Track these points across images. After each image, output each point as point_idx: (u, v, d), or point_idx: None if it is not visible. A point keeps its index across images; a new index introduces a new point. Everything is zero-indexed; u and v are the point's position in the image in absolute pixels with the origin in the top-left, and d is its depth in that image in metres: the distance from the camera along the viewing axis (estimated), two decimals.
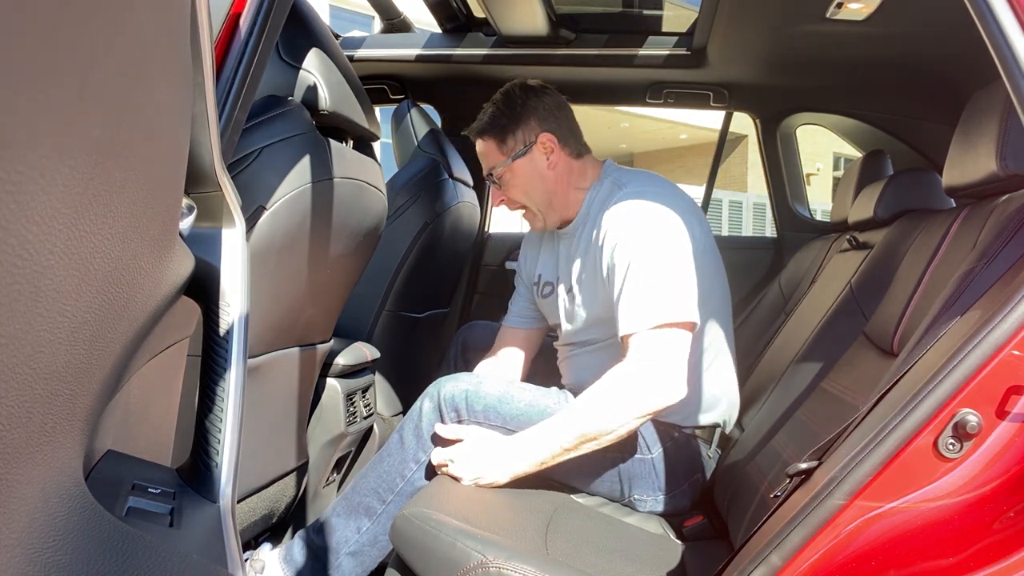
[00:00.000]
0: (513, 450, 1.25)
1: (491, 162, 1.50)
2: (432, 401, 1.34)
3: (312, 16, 1.29)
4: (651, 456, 1.38)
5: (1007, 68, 0.78)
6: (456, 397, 1.32)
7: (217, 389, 0.67)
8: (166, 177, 0.46)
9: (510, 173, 1.48)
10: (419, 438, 1.32)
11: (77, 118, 0.32)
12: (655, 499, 1.38)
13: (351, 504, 1.32)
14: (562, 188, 1.48)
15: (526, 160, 1.47)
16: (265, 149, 1.11)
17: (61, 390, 0.39)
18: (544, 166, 1.47)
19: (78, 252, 0.35)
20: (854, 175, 1.85)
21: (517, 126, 1.47)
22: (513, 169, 1.47)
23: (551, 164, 1.47)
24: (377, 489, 1.31)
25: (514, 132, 1.47)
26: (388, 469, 1.32)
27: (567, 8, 2.04)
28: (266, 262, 1.14)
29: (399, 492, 1.30)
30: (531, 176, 1.47)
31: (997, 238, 0.91)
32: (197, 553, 0.53)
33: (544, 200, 1.49)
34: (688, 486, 1.40)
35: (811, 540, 0.78)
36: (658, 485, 1.38)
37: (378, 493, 1.31)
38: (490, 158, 1.50)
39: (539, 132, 1.46)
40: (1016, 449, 0.74)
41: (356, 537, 1.30)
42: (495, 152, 1.49)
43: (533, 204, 1.50)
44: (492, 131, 1.49)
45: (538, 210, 1.50)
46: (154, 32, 0.39)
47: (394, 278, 1.85)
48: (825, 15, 1.52)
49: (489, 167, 1.51)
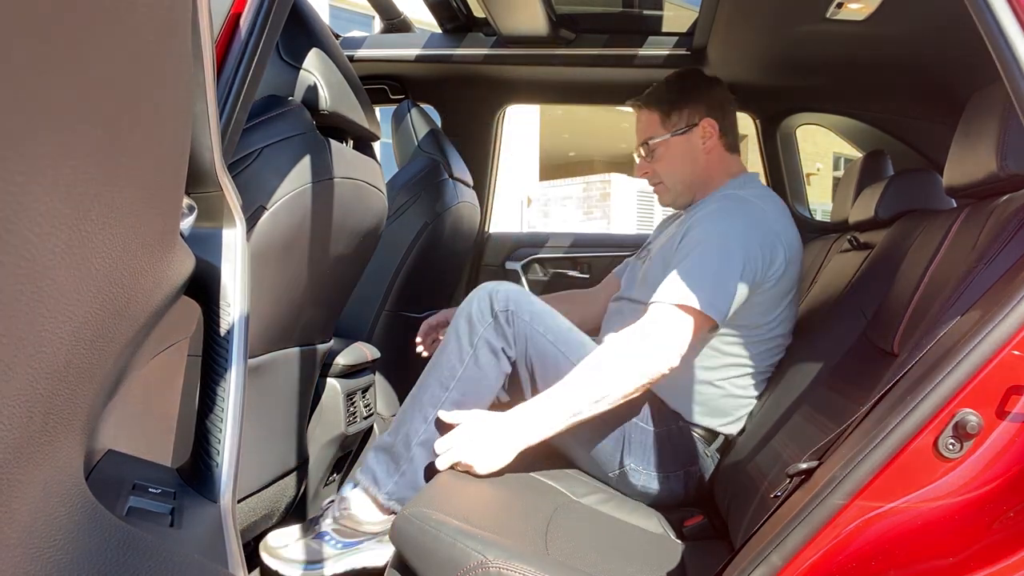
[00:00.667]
0: (515, 426, 1.26)
1: (649, 133, 1.56)
2: (485, 293, 1.39)
3: (312, 16, 1.29)
4: (651, 429, 1.42)
5: (1007, 68, 0.78)
6: (509, 295, 1.38)
7: (217, 389, 0.67)
8: (167, 177, 0.46)
9: (664, 148, 1.54)
10: (471, 326, 1.38)
11: (78, 118, 0.32)
12: (648, 473, 1.40)
13: (416, 399, 1.40)
14: (706, 174, 1.54)
15: (683, 139, 1.53)
16: (265, 149, 1.11)
17: (62, 390, 0.39)
18: (700, 149, 1.53)
19: (79, 252, 0.35)
20: (854, 175, 1.85)
21: (685, 105, 1.53)
22: (669, 144, 1.54)
23: (706, 149, 1.53)
24: (440, 379, 1.38)
25: (680, 110, 1.53)
26: (448, 359, 1.39)
27: (567, 8, 2.04)
28: (266, 262, 1.14)
29: (460, 378, 1.37)
30: (683, 156, 1.54)
31: (997, 238, 0.90)
32: (197, 553, 0.53)
33: (685, 181, 1.55)
34: (683, 474, 1.42)
35: (811, 540, 0.78)
36: (653, 460, 1.40)
37: (440, 382, 1.38)
38: (649, 129, 1.56)
39: (704, 116, 1.53)
40: (1016, 449, 0.74)
41: (424, 427, 1.36)
42: (656, 124, 1.55)
43: (673, 182, 1.56)
44: (659, 104, 1.55)
45: (675, 188, 1.57)
46: (155, 32, 0.39)
47: (394, 278, 1.85)
48: (825, 15, 1.52)
49: (645, 137, 1.56)
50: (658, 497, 1.40)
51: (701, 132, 1.53)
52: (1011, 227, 0.90)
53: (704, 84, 1.57)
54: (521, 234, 2.68)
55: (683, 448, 1.42)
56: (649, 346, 1.26)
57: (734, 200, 1.43)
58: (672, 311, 1.28)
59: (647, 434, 1.41)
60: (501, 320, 1.38)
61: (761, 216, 1.40)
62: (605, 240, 2.60)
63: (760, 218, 1.39)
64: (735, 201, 1.43)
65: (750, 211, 1.40)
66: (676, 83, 1.57)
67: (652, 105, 1.56)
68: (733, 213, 1.39)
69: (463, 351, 1.39)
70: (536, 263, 2.54)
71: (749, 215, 1.39)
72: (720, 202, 1.44)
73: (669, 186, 1.57)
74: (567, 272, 2.52)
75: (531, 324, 1.39)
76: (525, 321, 1.38)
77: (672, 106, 1.54)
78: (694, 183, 1.55)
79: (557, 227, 14.86)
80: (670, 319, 1.28)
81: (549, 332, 1.39)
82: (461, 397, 1.38)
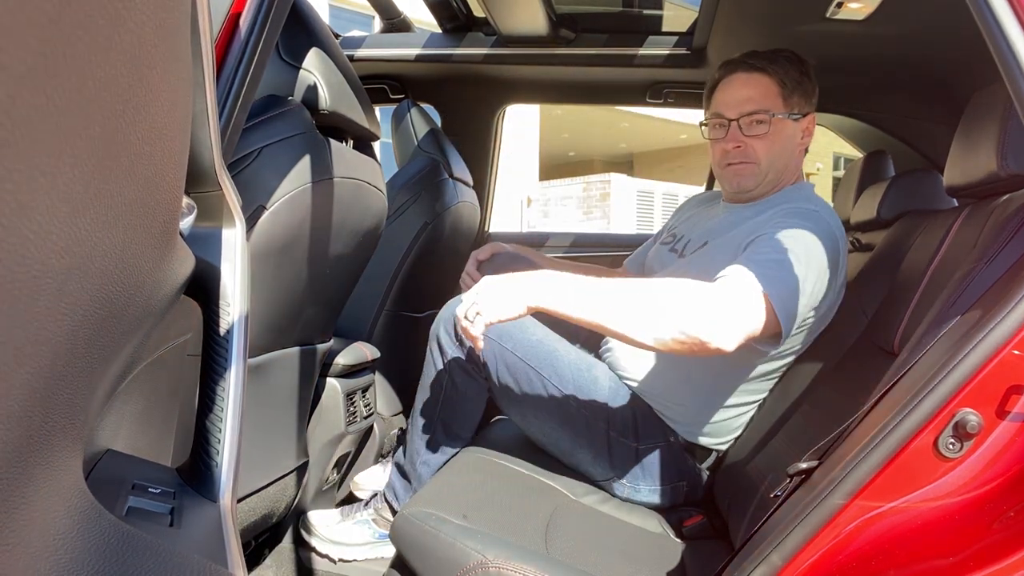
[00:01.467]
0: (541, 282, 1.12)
1: (765, 104, 1.38)
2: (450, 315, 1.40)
3: (312, 16, 1.29)
4: (635, 446, 1.38)
5: (1007, 68, 0.78)
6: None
7: (217, 389, 0.67)
8: (166, 176, 0.46)
9: (775, 127, 1.38)
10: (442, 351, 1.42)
11: (78, 117, 0.32)
12: (633, 487, 1.38)
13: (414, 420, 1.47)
14: (787, 168, 1.43)
15: (793, 125, 1.40)
16: (265, 149, 1.11)
17: (61, 390, 0.39)
18: (797, 141, 1.42)
19: (78, 252, 0.35)
20: (855, 176, 1.85)
21: (810, 94, 1.42)
22: (782, 124, 1.39)
23: (802, 144, 1.43)
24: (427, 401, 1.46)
25: (803, 95, 1.41)
26: (430, 382, 1.44)
27: (567, 8, 2.04)
28: (266, 262, 1.14)
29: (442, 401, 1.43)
30: (788, 141, 1.40)
31: (997, 238, 0.91)
32: (197, 553, 0.53)
33: (778, 168, 1.41)
34: (670, 489, 1.39)
35: (811, 540, 0.78)
36: (638, 475, 1.37)
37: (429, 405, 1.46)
38: (766, 99, 1.38)
39: (813, 111, 1.43)
40: (1016, 449, 0.74)
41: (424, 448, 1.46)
42: (776, 97, 1.39)
43: (769, 165, 1.40)
44: (784, 76, 1.39)
45: (766, 173, 1.41)
46: (154, 31, 0.38)
47: (394, 278, 1.85)
48: (825, 15, 1.52)
49: (757, 107, 1.38)
50: (641, 503, 1.39)
51: (806, 125, 1.42)
52: (1011, 227, 0.90)
53: (815, 78, 1.43)
54: (521, 234, 2.68)
55: (671, 464, 1.38)
56: (719, 316, 1.10)
57: (815, 218, 1.29)
58: (753, 294, 1.12)
59: (630, 449, 1.38)
60: (466, 343, 1.37)
61: (835, 245, 1.27)
62: (605, 240, 2.60)
63: (835, 247, 1.27)
64: (816, 219, 1.29)
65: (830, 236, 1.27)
66: (805, 68, 1.41)
67: (775, 75, 1.38)
68: (818, 232, 1.25)
69: (440, 375, 1.40)
70: None
71: (828, 238, 1.26)
72: (805, 216, 1.29)
73: (763, 168, 1.39)
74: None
75: (498, 342, 1.35)
76: (492, 340, 1.35)
77: (797, 85, 1.39)
78: (781, 174, 1.42)
79: (557, 227, 14.86)
80: (749, 301, 1.12)
81: (518, 348, 1.36)
82: (449, 417, 1.43)
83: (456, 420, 1.43)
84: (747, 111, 1.38)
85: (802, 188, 1.44)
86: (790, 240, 1.22)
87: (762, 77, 1.39)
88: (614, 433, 1.38)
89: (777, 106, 1.38)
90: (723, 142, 1.42)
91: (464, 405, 1.42)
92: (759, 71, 1.40)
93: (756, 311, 1.13)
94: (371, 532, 1.51)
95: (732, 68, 1.43)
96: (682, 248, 1.50)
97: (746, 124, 1.39)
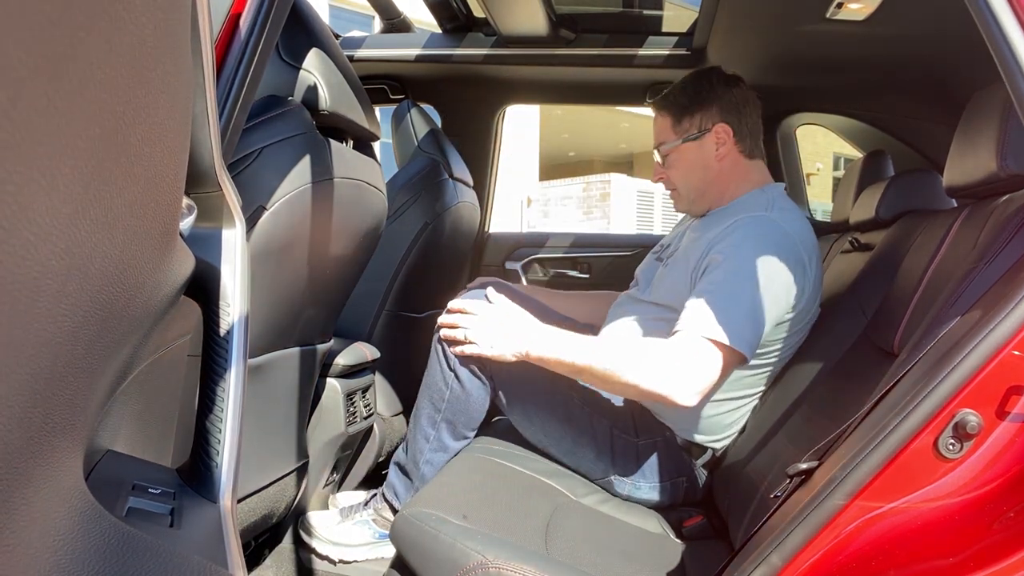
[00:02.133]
0: (532, 332, 1.29)
1: (661, 138, 1.51)
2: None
3: (312, 16, 1.29)
4: (636, 441, 1.41)
5: (1007, 68, 0.78)
6: None
7: (217, 389, 0.67)
8: (167, 177, 0.46)
9: (676, 154, 1.48)
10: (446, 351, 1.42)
11: (78, 118, 0.32)
12: (633, 483, 1.40)
13: (416, 419, 1.48)
14: (721, 182, 1.47)
15: (695, 145, 1.47)
16: (265, 149, 1.11)
17: (61, 390, 0.39)
18: (712, 156, 1.46)
19: (79, 253, 0.35)
20: (855, 176, 1.85)
21: (696, 110, 1.47)
22: (680, 151, 1.48)
23: (719, 156, 1.46)
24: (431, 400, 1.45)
25: (692, 115, 1.47)
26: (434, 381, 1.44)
27: (567, 8, 2.04)
28: (266, 262, 1.14)
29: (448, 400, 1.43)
30: (695, 162, 1.47)
31: (997, 238, 0.90)
32: (197, 553, 0.53)
33: (698, 189, 1.48)
34: (670, 484, 1.41)
35: (811, 540, 0.78)
36: (639, 471, 1.39)
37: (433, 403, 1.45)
38: (661, 134, 1.51)
39: (717, 122, 1.45)
40: (1016, 449, 0.74)
41: (427, 446, 1.46)
42: (668, 129, 1.50)
43: (686, 190, 1.50)
44: (671, 108, 1.49)
45: (688, 196, 1.50)
46: (155, 32, 0.39)
47: (394, 278, 1.85)
48: (825, 15, 1.52)
49: (658, 142, 1.52)
50: (643, 501, 1.41)
51: (714, 138, 1.45)
52: (1011, 227, 0.90)
53: (720, 85, 1.47)
54: (521, 234, 2.68)
55: (668, 460, 1.40)
56: (673, 375, 1.20)
57: (765, 225, 1.33)
58: (703, 346, 1.21)
59: (632, 445, 1.40)
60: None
61: (792, 246, 1.31)
62: (605, 240, 2.60)
63: (792, 248, 1.31)
64: (766, 226, 1.33)
65: (782, 241, 1.31)
66: (690, 85, 1.49)
67: (664, 109, 1.50)
68: (766, 241, 1.30)
69: (445, 374, 1.42)
70: (536, 263, 2.54)
71: (781, 245, 1.30)
72: (750, 227, 1.33)
73: (683, 193, 1.51)
74: (567, 272, 2.52)
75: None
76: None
77: (684, 110, 1.47)
78: (708, 192, 1.48)
79: (557, 227, 14.86)
80: (700, 355, 1.21)
81: None
82: (453, 416, 1.44)
83: (460, 419, 1.45)
84: (656, 147, 1.54)
85: (763, 193, 1.45)
86: (740, 261, 1.28)
87: (659, 114, 1.52)
88: (616, 430, 1.40)
89: (670, 137, 1.50)
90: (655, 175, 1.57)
91: (468, 404, 1.43)
92: (658, 109, 1.53)
93: (708, 363, 1.22)
94: (371, 532, 1.50)
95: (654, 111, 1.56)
96: (666, 258, 1.57)
97: (661, 158, 1.53)
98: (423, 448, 1.46)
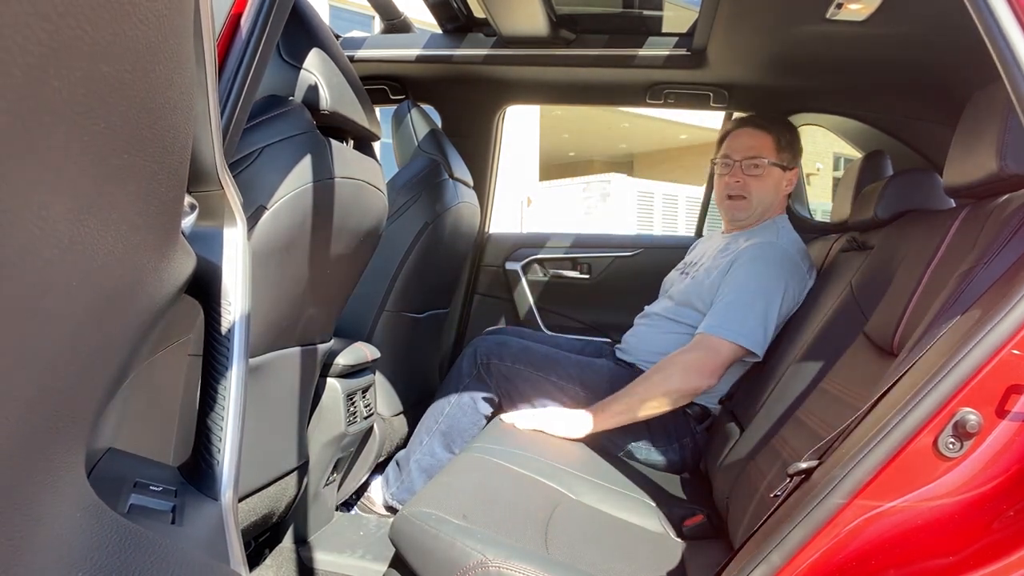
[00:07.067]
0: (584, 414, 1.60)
1: (759, 151, 1.82)
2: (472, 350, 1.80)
3: (313, 16, 1.29)
4: None
5: (1007, 68, 0.78)
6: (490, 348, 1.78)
7: (218, 388, 0.67)
8: (169, 175, 0.46)
9: (766, 171, 1.81)
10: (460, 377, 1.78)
11: (83, 113, 0.32)
12: (648, 449, 1.67)
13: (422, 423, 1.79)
14: (772, 208, 1.84)
15: (780, 173, 1.82)
16: (266, 149, 1.11)
17: (63, 388, 0.39)
18: (782, 188, 1.84)
19: (82, 250, 0.35)
20: (854, 175, 1.85)
21: (795, 150, 1.85)
22: (770, 170, 1.81)
23: (783, 190, 1.84)
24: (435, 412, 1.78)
25: (791, 150, 1.84)
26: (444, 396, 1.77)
27: (567, 8, 2.04)
28: (267, 262, 1.14)
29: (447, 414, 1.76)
30: (771, 185, 1.82)
31: (997, 238, 0.91)
32: (199, 550, 0.53)
33: (764, 205, 1.83)
34: (679, 446, 1.67)
35: (811, 539, 0.78)
36: (651, 435, 1.67)
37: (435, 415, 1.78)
38: (761, 148, 1.82)
39: (796, 166, 1.86)
40: (1016, 448, 0.74)
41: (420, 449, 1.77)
42: (769, 148, 1.82)
43: (759, 202, 1.82)
44: (776, 132, 1.83)
45: (756, 209, 1.83)
46: (158, 30, 0.39)
47: (394, 278, 1.85)
48: (825, 16, 1.52)
49: (756, 154, 1.81)
50: (661, 467, 1.67)
51: (792, 176, 1.83)
52: (1011, 227, 0.90)
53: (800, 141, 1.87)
54: (521, 234, 2.68)
55: (676, 422, 1.68)
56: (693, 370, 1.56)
57: (779, 251, 1.69)
58: (720, 343, 1.58)
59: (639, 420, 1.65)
60: (483, 372, 1.76)
61: (797, 268, 1.69)
62: (605, 240, 2.60)
63: (797, 270, 1.69)
64: (779, 252, 1.69)
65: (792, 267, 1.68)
66: (791, 128, 1.87)
67: (769, 131, 1.81)
68: (780, 264, 1.66)
69: (451, 395, 1.76)
70: (536, 263, 2.54)
71: (790, 269, 1.67)
72: (769, 251, 1.69)
73: (753, 204, 1.81)
74: (567, 272, 2.52)
75: (512, 366, 1.75)
76: (507, 365, 1.75)
77: (788, 144, 1.82)
78: (765, 212, 1.83)
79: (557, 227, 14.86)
80: (717, 349, 1.57)
81: (530, 365, 1.75)
82: (447, 428, 1.75)
83: (454, 430, 1.74)
84: (749, 156, 1.82)
85: (775, 222, 1.84)
86: (749, 279, 1.65)
87: (763, 134, 1.82)
88: None
89: (772, 155, 1.82)
90: (727, 177, 1.85)
91: (462, 420, 1.73)
92: (762, 129, 1.83)
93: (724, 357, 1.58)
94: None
95: (742, 123, 1.89)
96: (692, 271, 1.88)
97: (746, 166, 1.82)
98: (416, 450, 1.76)
